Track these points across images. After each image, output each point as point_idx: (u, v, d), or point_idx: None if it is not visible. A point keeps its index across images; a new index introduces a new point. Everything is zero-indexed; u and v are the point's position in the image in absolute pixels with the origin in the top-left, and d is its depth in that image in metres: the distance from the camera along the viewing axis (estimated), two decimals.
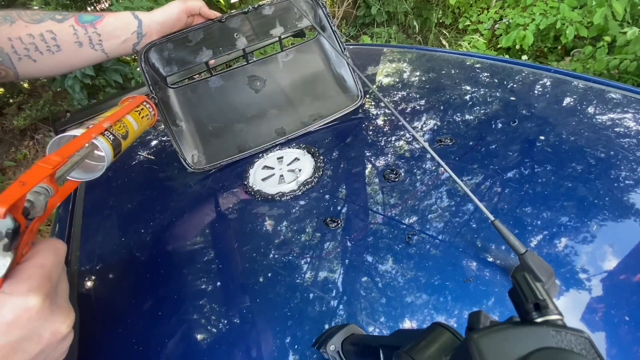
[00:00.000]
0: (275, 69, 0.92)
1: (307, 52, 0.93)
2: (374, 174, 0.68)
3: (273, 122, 0.89)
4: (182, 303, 0.54)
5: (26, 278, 0.25)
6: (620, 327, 0.40)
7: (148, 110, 0.58)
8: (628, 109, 0.71)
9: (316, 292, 0.50)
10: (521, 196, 0.56)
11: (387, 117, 0.84)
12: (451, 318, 0.43)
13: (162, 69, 0.78)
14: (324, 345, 0.38)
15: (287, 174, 0.72)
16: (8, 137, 3.21)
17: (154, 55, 0.75)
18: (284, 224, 0.62)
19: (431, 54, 1.16)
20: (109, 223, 0.74)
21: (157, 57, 0.76)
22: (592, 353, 0.16)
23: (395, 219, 0.57)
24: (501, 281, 0.46)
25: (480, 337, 0.17)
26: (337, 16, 3.67)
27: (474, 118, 0.77)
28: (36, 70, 0.60)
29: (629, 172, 0.57)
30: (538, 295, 0.18)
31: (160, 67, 0.77)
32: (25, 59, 0.57)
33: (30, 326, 0.24)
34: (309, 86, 0.92)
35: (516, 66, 0.96)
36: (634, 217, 0.51)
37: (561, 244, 0.48)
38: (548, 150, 0.64)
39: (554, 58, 2.91)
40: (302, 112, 0.89)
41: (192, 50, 0.78)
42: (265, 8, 0.79)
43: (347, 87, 0.90)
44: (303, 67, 0.93)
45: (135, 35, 0.66)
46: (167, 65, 0.78)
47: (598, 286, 0.44)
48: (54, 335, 0.26)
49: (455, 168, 0.63)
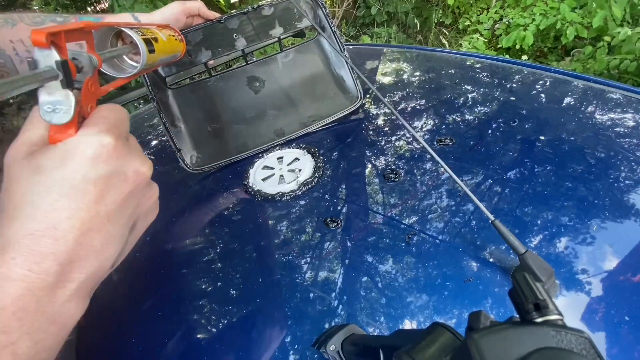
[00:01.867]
0: (274, 69, 0.92)
1: (306, 53, 0.93)
2: (374, 174, 0.68)
3: (272, 123, 0.89)
4: (182, 303, 0.54)
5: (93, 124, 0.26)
6: (620, 327, 0.40)
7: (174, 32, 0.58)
8: (628, 109, 0.71)
9: (316, 292, 0.50)
10: (521, 196, 0.56)
11: (387, 117, 0.84)
12: (451, 318, 0.43)
13: (161, 70, 0.78)
14: (324, 345, 0.38)
15: (287, 174, 0.72)
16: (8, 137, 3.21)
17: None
18: (284, 224, 0.62)
19: (431, 54, 1.16)
20: None
21: None
22: (592, 353, 0.16)
23: (395, 219, 0.57)
24: (501, 281, 0.46)
25: (480, 337, 0.17)
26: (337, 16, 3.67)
27: (474, 118, 0.77)
28: None
29: (629, 172, 0.57)
30: (538, 295, 0.18)
31: (159, 68, 0.77)
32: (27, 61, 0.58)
33: (112, 162, 0.25)
34: (308, 87, 0.92)
35: (516, 66, 0.96)
36: (634, 217, 0.51)
37: (561, 244, 0.48)
38: (548, 150, 0.64)
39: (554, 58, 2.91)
40: (302, 113, 0.89)
41: (191, 51, 0.78)
42: (265, 8, 0.79)
43: (346, 88, 0.90)
44: (303, 67, 0.93)
45: None
46: (166, 66, 0.78)
47: (598, 286, 0.44)
48: (137, 174, 0.27)
49: (455, 168, 0.63)
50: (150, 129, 1.14)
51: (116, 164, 0.25)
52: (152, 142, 1.05)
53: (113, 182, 0.25)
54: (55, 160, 0.24)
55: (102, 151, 0.25)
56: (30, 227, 0.22)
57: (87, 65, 0.28)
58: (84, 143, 0.24)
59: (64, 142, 0.25)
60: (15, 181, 0.24)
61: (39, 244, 0.22)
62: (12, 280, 0.21)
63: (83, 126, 0.26)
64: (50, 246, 0.22)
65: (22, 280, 0.21)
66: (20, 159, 0.24)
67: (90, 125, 0.25)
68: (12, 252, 0.22)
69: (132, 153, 0.27)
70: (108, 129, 0.26)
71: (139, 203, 0.28)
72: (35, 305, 0.22)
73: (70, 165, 0.24)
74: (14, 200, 0.23)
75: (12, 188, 0.23)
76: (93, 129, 0.25)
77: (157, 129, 1.11)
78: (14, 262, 0.21)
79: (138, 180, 0.27)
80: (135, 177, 0.27)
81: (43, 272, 0.22)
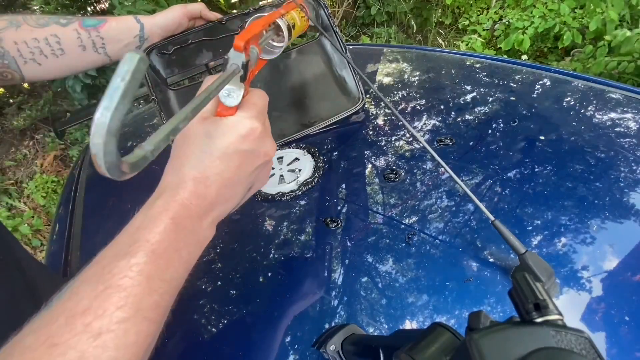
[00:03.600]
0: (276, 70, 0.92)
1: (308, 54, 0.93)
2: (374, 173, 0.68)
3: (273, 125, 0.88)
4: (182, 303, 0.54)
5: (249, 108, 0.34)
6: (620, 327, 0.40)
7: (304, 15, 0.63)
8: (628, 109, 0.71)
9: (316, 292, 0.50)
10: (521, 196, 0.56)
11: (387, 117, 0.84)
12: (451, 318, 0.43)
13: (163, 71, 0.78)
14: (324, 345, 0.38)
15: (287, 174, 0.72)
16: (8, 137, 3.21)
17: (155, 58, 0.75)
18: (284, 224, 0.62)
19: (431, 54, 1.16)
20: (109, 223, 0.74)
21: (157, 60, 0.76)
22: (592, 353, 0.16)
23: (395, 219, 0.57)
24: (501, 281, 0.46)
25: (480, 337, 0.17)
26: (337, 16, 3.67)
27: (474, 118, 0.77)
28: (41, 73, 0.61)
29: (629, 172, 0.57)
30: (538, 295, 0.18)
31: (161, 69, 0.77)
32: (31, 62, 0.59)
33: (255, 142, 0.33)
34: (310, 88, 0.92)
35: (516, 66, 0.96)
36: (634, 217, 0.51)
37: (561, 244, 0.49)
38: (548, 150, 0.64)
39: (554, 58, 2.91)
40: (303, 114, 0.89)
41: (192, 52, 0.78)
42: (267, 9, 0.79)
43: (348, 89, 0.90)
44: (304, 68, 0.93)
45: (137, 39, 0.66)
46: (167, 67, 0.78)
47: (598, 286, 0.44)
48: (265, 155, 0.35)
49: (455, 168, 0.63)
50: (151, 128, 1.14)
51: (256, 143, 0.34)
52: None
53: (250, 157, 0.34)
54: (219, 131, 0.32)
55: (250, 132, 0.33)
56: (193, 174, 0.31)
57: (254, 58, 0.35)
58: (240, 123, 0.33)
59: (227, 118, 0.33)
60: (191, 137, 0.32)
61: (197, 186, 0.31)
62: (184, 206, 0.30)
63: (240, 108, 0.34)
64: (203, 190, 0.31)
65: (188, 208, 0.30)
66: (196, 122, 0.32)
67: (246, 109, 0.34)
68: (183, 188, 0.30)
69: (267, 137, 0.35)
70: (257, 115, 0.34)
71: (259, 173, 0.36)
72: (192, 226, 0.30)
73: (228, 138, 0.32)
74: (186, 151, 0.32)
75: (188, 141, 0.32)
76: (248, 112, 0.33)
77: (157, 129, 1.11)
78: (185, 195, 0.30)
79: (265, 158, 0.36)
80: (264, 156, 0.35)
81: (198, 206, 0.31)
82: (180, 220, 0.29)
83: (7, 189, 2.85)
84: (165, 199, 0.30)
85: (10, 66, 0.57)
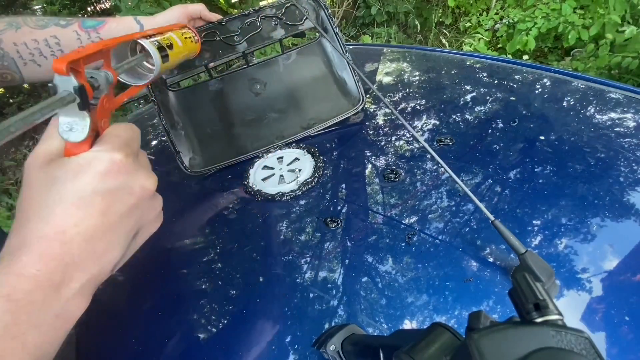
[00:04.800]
0: (276, 71, 0.91)
1: (308, 55, 0.92)
2: (374, 174, 0.68)
3: (272, 126, 0.88)
4: (182, 303, 0.54)
5: (106, 141, 0.28)
6: (620, 327, 0.40)
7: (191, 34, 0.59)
8: (628, 109, 0.71)
9: (316, 292, 0.50)
10: (521, 196, 0.56)
11: (387, 117, 0.84)
12: (451, 318, 0.43)
13: None
14: (324, 345, 0.38)
15: (287, 174, 0.72)
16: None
17: None
18: (284, 224, 0.62)
19: (431, 54, 1.16)
20: None
21: None
22: (592, 353, 0.16)
23: (395, 219, 0.57)
24: (501, 281, 0.46)
25: (480, 337, 0.17)
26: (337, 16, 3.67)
27: (474, 118, 0.77)
28: (41, 74, 0.61)
29: (629, 172, 0.57)
30: (538, 295, 0.18)
31: None
32: (31, 63, 0.59)
33: (121, 177, 0.28)
34: (309, 89, 0.92)
35: (516, 66, 0.96)
36: (634, 217, 0.51)
37: (561, 244, 0.48)
38: (548, 150, 0.64)
39: (555, 58, 2.91)
40: (303, 115, 0.89)
41: None
42: (266, 10, 0.79)
43: (348, 91, 0.89)
44: (304, 69, 0.92)
45: None
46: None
47: (598, 286, 0.44)
48: (142, 189, 0.29)
49: (455, 168, 0.63)
50: (151, 128, 1.14)
51: (124, 179, 0.28)
52: (152, 142, 1.05)
53: (119, 195, 0.28)
54: (69, 172, 0.26)
55: (111, 167, 0.27)
56: (43, 230, 0.25)
57: (104, 83, 0.30)
58: (96, 159, 0.27)
59: (78, 156, 0.27)
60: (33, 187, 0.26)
61: (48, 246, 0.25)
62: (23, 277, 0.23)
63: (97, 143, 0.28)
64: (58, 249, 0.25)
65: (32, 277, 0.24)
66: (38, 168, 0.27)
67: (103, 143, 0.28)
68: (25, 252, 0.24)
69: (140, 169, 0.29)
70: (120, 147, 0.28)
71: (142, 214, 0.30)
72: (43, 300, 0.24)
73: (82, 179, 0.26)
74: (31, 204, 0.26)
75: (30, 193, 0.26)
76: (106, 146, 0.28)
77: (157, 129, 1.11)
78: (27, 261, 0.24)
79: (143, 194, 0.29)
80: (141, 192, 0.29)
81: (50, 272, 0.24)
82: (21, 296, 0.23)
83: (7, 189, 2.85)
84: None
85: (10, 67, 0.58)
